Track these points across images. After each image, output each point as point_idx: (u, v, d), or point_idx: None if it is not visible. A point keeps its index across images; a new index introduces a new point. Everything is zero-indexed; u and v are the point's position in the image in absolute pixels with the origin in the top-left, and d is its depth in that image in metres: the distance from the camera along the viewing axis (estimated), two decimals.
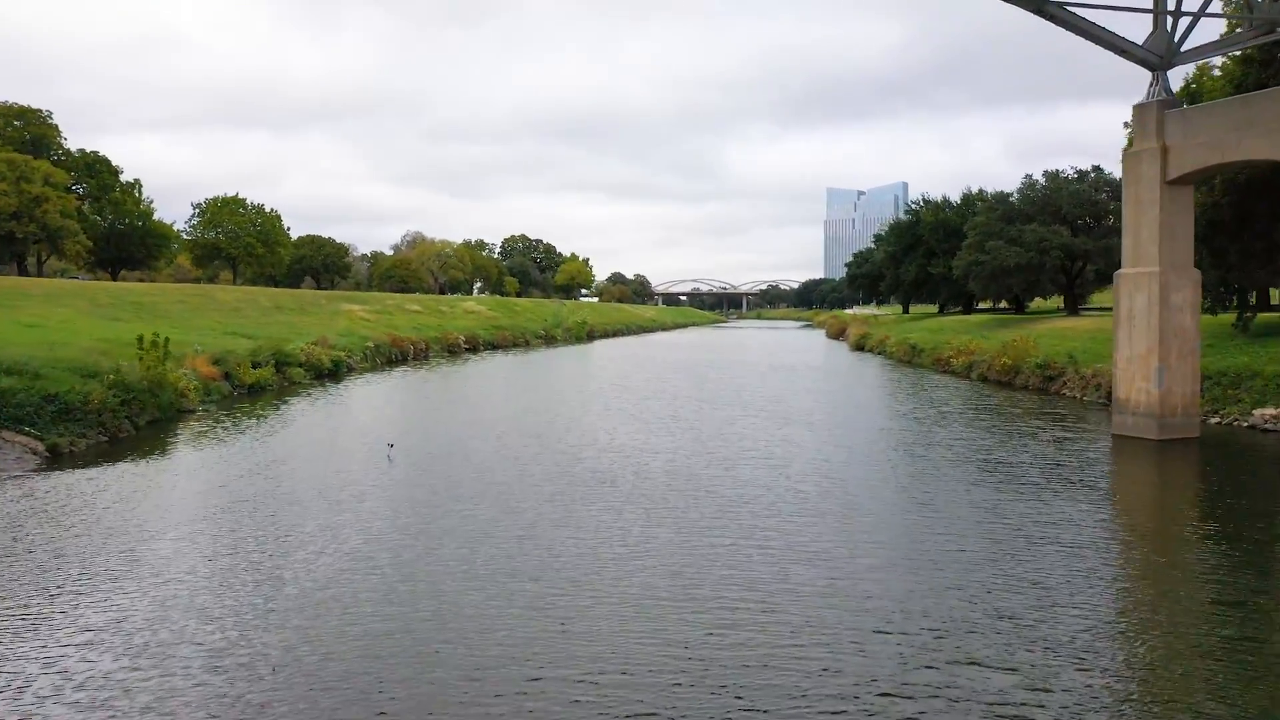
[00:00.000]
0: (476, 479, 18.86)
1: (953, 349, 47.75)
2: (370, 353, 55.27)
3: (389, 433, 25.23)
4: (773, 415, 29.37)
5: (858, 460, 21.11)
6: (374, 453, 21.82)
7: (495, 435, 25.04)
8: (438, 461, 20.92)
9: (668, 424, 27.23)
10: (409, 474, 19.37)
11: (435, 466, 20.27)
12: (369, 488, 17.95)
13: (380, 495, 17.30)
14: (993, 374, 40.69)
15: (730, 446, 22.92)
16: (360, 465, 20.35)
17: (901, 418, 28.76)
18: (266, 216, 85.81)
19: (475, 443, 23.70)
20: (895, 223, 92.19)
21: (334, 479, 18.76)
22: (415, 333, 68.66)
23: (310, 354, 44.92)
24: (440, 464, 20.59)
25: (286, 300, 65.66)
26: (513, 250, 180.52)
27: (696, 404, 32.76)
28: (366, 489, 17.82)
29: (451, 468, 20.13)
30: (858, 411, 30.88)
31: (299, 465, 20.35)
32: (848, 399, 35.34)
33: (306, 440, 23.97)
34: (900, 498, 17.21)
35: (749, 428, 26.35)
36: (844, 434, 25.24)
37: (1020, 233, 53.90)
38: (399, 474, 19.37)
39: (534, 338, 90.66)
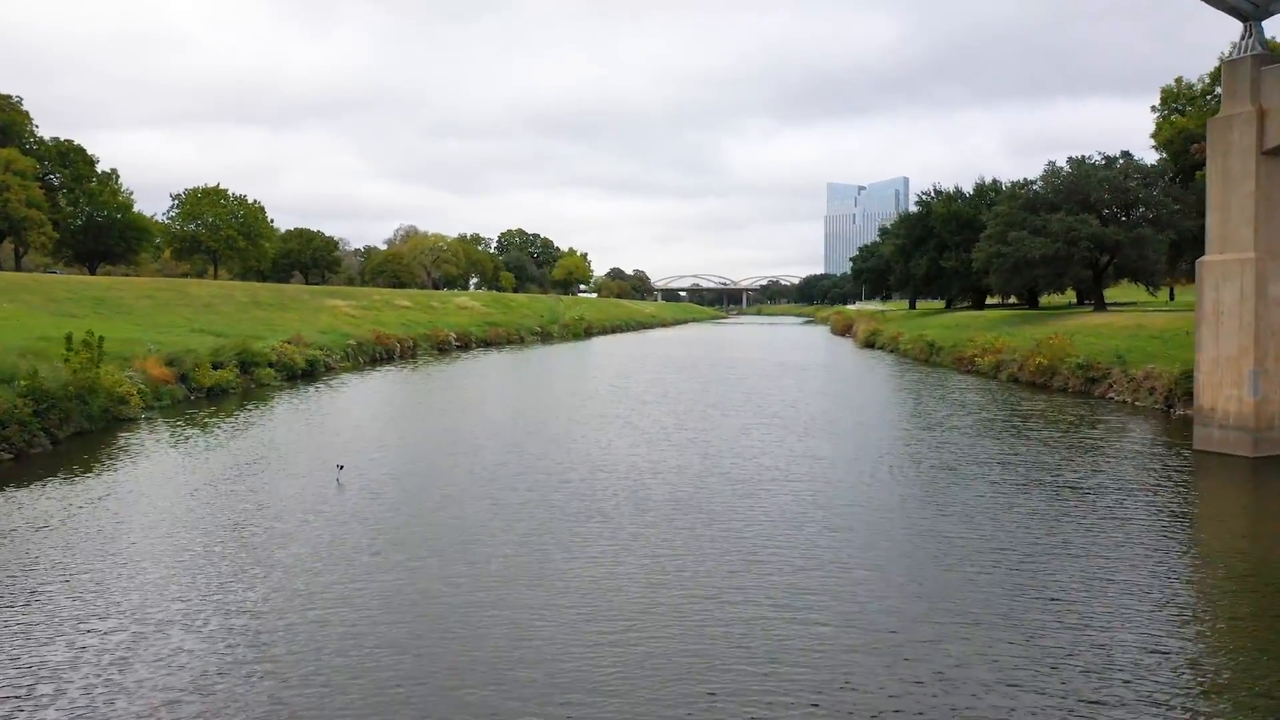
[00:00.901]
0: (437, 511, 15.37)
1: (977, 347, 44.26)
2: (352, 351, 51.79)
3: (349, 445, 21.76)
4: (790, 424, 25.90)
5: (902, 485, 17.63)
6: (322, 474, 18.34)
7: (471, 450, 21.57)
8: (395, 486, 17.43)
9: (672, 435, 23.74)
10: (355, 505, 15.86)
11: (390, 494, 16.77)
12: (298, 527, 14.42)
13: (307, 538, 13.77)
14: (1025, 375, 37.20)
15: (746, 465, 19.43)
16: (299, 493, 16.85)
17: (938, 427, 25.27)
18: (249, 208, 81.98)
19: (445, 460, 20.22)
20: (905, 215, 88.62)
21: (259, 515, 15.26)
22: (403, 330, 65.19)
23: (282, 353, 41.42)
24: (397, 490, 17.09)
25: (266, 295, 62.12)
26: (509, 245, 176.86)
27: (703, 409, 29.30)
28: (294, 529, 14.29)
29: (409, 495, 16.63)
30: (885, 419, 27.40)
31: (223, 495, 16.85)
32: (870, 403, 31.86)
33: (249, 458, 20.48)
34: (967, 538, 13.71)
35: (765, 440, 22.87)
36: (877, 448, 21.76)
37: (1045, 222, 50.37)
38: (343, 505, 15.87)
39: (529, 334, 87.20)
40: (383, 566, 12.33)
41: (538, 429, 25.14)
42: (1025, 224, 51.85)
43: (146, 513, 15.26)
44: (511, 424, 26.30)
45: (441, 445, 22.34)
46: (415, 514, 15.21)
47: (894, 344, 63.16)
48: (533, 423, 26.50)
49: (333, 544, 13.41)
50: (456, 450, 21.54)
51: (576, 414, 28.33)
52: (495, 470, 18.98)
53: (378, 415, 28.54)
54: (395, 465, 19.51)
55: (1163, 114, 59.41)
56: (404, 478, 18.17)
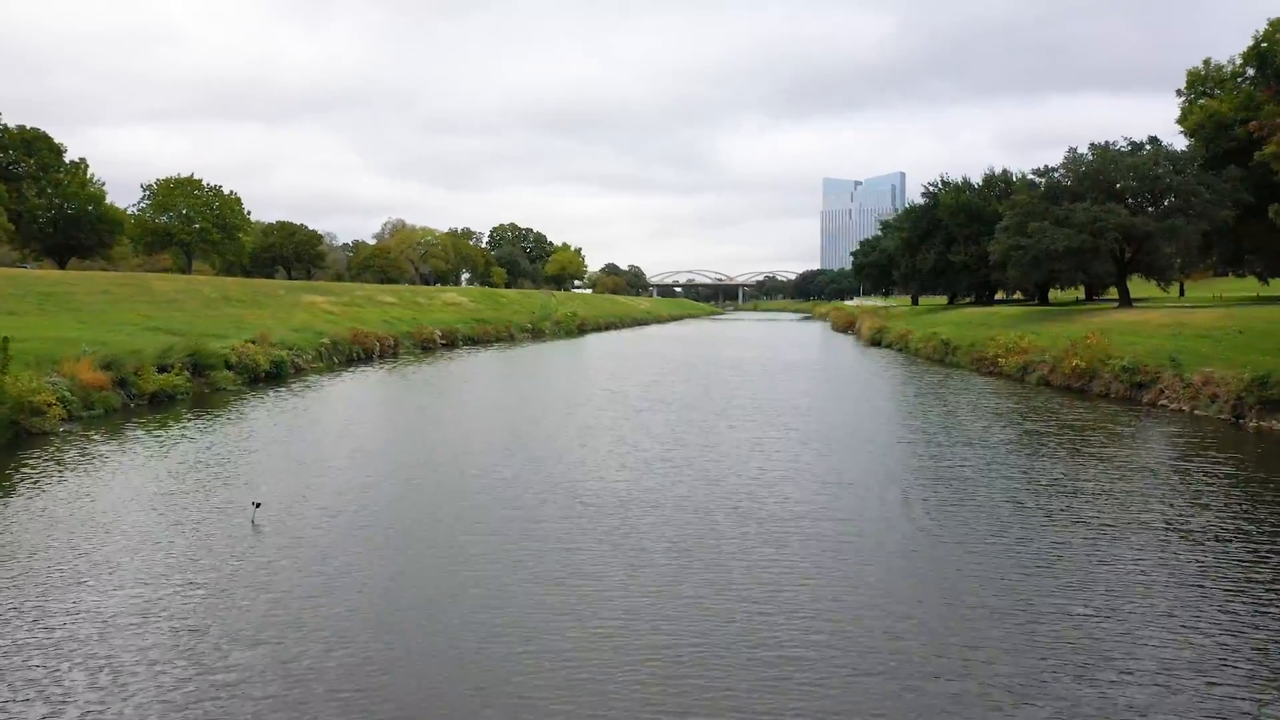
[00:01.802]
0: (361, 578, 11.78)
1: (999, 347, 40.84)
2: (326, 351, 48.18)
3: (285, 469, 18.27)
4: (807, 437, 22.46)
5: (966, 527, 14.15)
6: (239, 511, 14.84)
7: (431, 476, 18.08)
8: (322, 529, 13.90)
9: (671, 454, 20.27)
10: (266, 558, 12.31)
11: (313, 540, 13.23)
12: (174, 592, 10.85)
13: (182, 614, 10.24)
14: (1057, 378, 33.80)
15: (764, 497, 15.96)
16: (200, 538, 13.31)
17: (979, 443, 21.83)
18: (225, 199, 78.04)
19: (395, 490, 16.71)
20: (910, 207, 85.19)
21: (140, 568, 11.72)
22: (385, 327, 61.60)
23: (243, 354, 37.86)
24: (323, 535, 13.56)
25: (237, 291, 58.48)
26: (502, 240, 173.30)
27: (705, 419, 25.84)
28: (166, 598, 10.72)
29: (336, 544, 13.08)
30: (915, 430, 23.93)
31: (115, 535, 13.30)
32: (892, 410, 28.42)
33: (158, 488, 16.94)
34: (1082, 617, 10.23)
35: (782, 459, 19.42)
36: (916, 470, 18.32)
37: (1069, 212, 46.98)
38: (248, 558, 12.32)
39: (520, 331, 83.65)
40: (259, 670, 8.82)
41: (515, 446, 21.65)
42: (1046, 214, 48.46)
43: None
44: (485, 439, 22.81)
45: (396, 468, 18.85)
46: (336, 581, 11.68)
47: (902, 342, 59.77)
48: (510, 437, 23.02)
49: (220, 621, 9.91)
50: (414, 476, 18.05)
51: (562, 426, 24.85)
52: (454, 504, 15.50)
53: (332, 428, 25.02)
54: (332, 497, 16.00)
55: (1189, 98, 56.06)
56: (334, 518, 14.64)
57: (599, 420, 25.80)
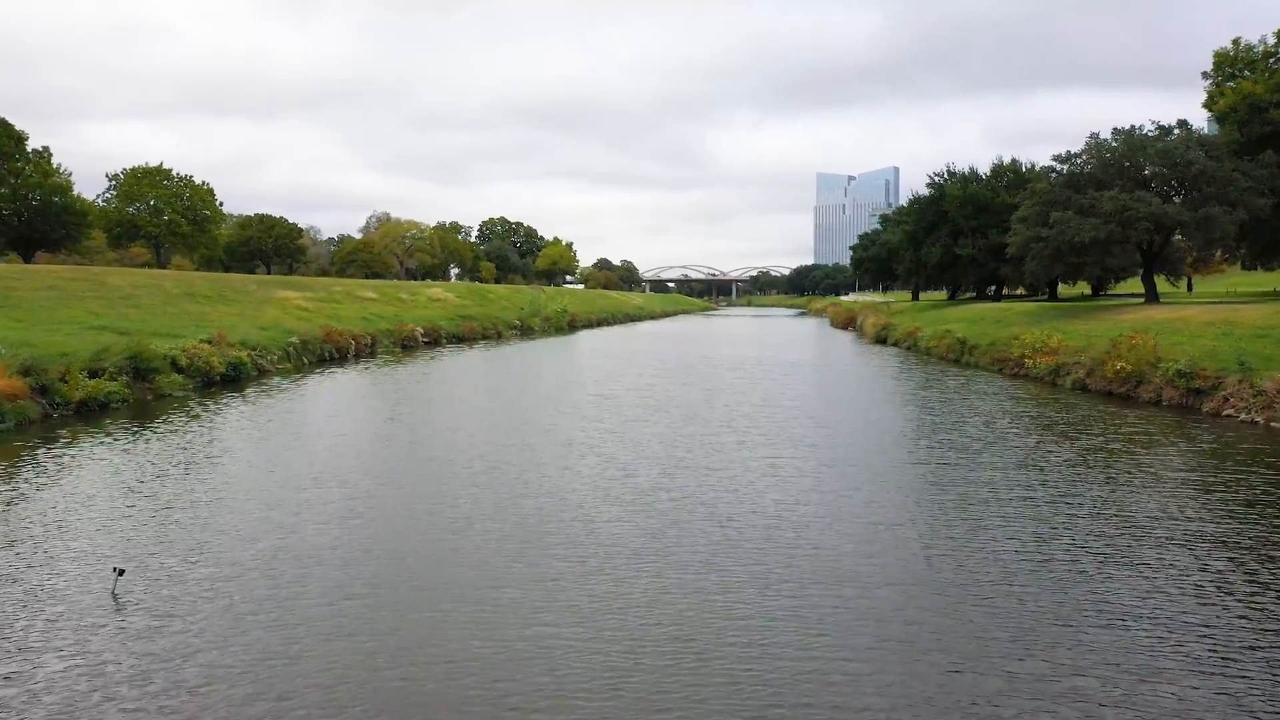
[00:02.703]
0: (254, 669, 8.30)
1: (1025, 347, 37.45)
2: (294, 350, 44.65)
3: (197, 499, 14.75)
4: (833, 458, 19.02)
5: (1057, 589, 10.71)
6: (98, 578, 11.31)
7: (370, 511, 14.57)
8: (211, 596, 10.35)
9: (672, 480, 16.80)
10: (122, 641, 8.82)
11: (191, 613, 9.70)
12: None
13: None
14: (1097, 382, 30.42)
15: (791, 548, 12.48)
16: (42, 619, 9.80)
17: (1035, 465, 18.40)
18: (196, 190, 74.06)
19: (323, 538, 13.15)
20: (915, 198, 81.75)
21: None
22: (363, 324, 58.10)
23: (195, 355, 34.31)
24: (211, 603, 10.01)
25: (203, 286, 54.80)
26: (491, 234, 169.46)
27: (710, 433, 22.39)
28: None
29: (212, 628, 9.54)
30: (957, 446, 20.45)
31: None
32: (921, 422, 24.94)
33: (19, 534, 13.44)
34: None
35: (808, 493, 15.95)
36: (973, 504, 14.83)
37: (1095, 201, 43.57)
38: (100, 640, 8.81)
39: (507, 328, 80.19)
40: None
41: (483, 470, 18.18)
42: (1069, 203, 45.04)
43: None
44: (449, 462, 19.31)
45: (331, 502, 15.30)
46: (205, 676, 8.21)
47: (911, 340, 56.39)
48: (479, 458, 19.53)
49: None
50: (351, 512, 14.55)
51: (543, 442, 21.36)
52: (392, 559, 12.03)
53: (272, 446, 21.47)
54: (243, 545, 12.50)
55: (1215, 80, 52.71)
56: (241, 575, 11.16)
57: (586, 434, 22.32)
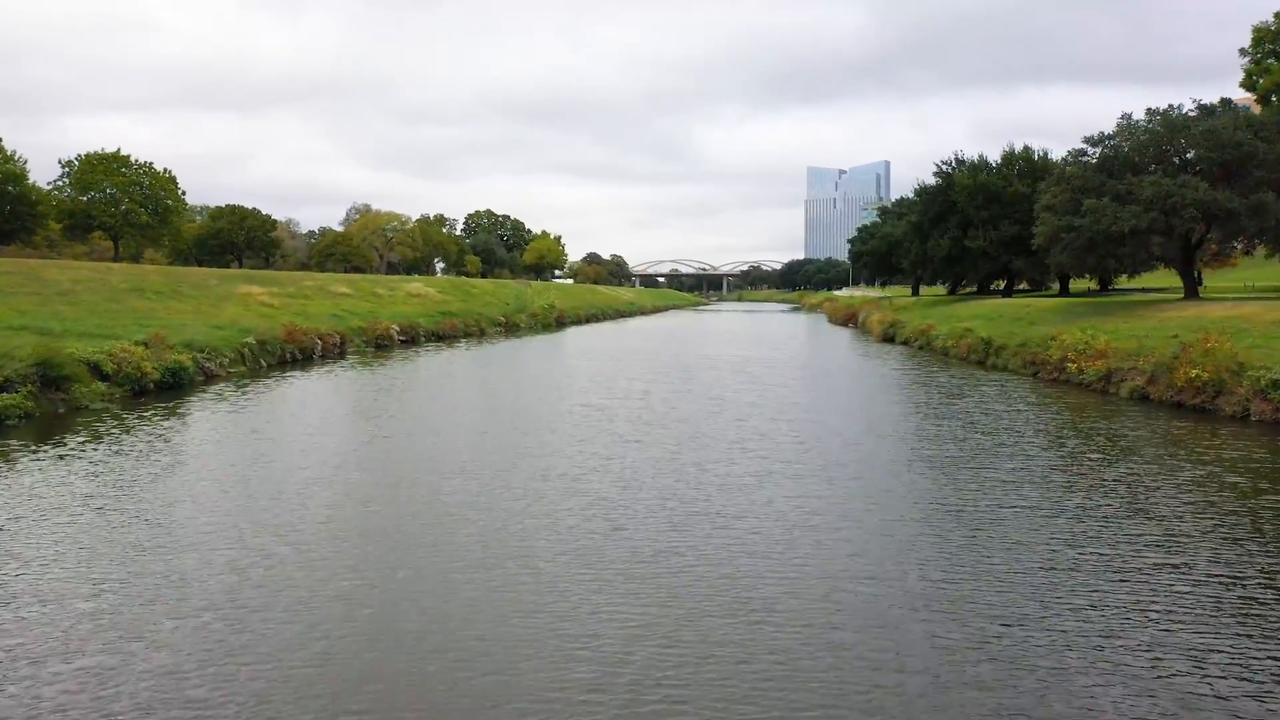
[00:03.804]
0: None
1: (1064, 348, 33.40)
2: (250, 352, 40.26)
3: (39, 558, 10.47)
4: (883, 501, 14.87)
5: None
6: None
7: (258, 591, 10.32)
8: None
9: (680, 543, 12.59)
10: None
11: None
12: None
13: None
14: (1161, 391, 26.35)
15: (877, 663, 8.35)
16: None
17: (1157, 507, 14.29)
18: (157, 178, 69.31)
19: (173, 640, 8.97)
20: (921, 188, 77.72)
21: None
22: (333, 322, 53.72)
23: (125, 359, 29.93)
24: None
25: (156, 280, 50.33)
26: (477, 227, 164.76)
27: (723, 458, 18.21)
28: None
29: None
30: (1044, 481, 16.29)
31: None
32: (987, 446, 20.76)
33: None
34: None
35: (868, 573, 11.79)
36: (1109, 583, 10.73)
37: (1133, 187, 39.59)
38: None
39: (491, 325, 75.90)
40: None
41: (435, 519, 13.95)
42: (1103, 189, 41.04)
43: None
44: (394, 506, 15.04)
45: (208, 578, 11.05)
46: None
47: (924, 339, 52.35)
48: (431, 500, 15.29)
49: None
50: (242, 595, 10.32)
51: (514, 477, 17.13)
52: (266, 686, 7.83)
53: (180, 475, 17.14)
54: (89, 634, 8.27)
55: (1254, 58, 48.84)
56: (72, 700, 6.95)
57: (569, 463, 18.10)
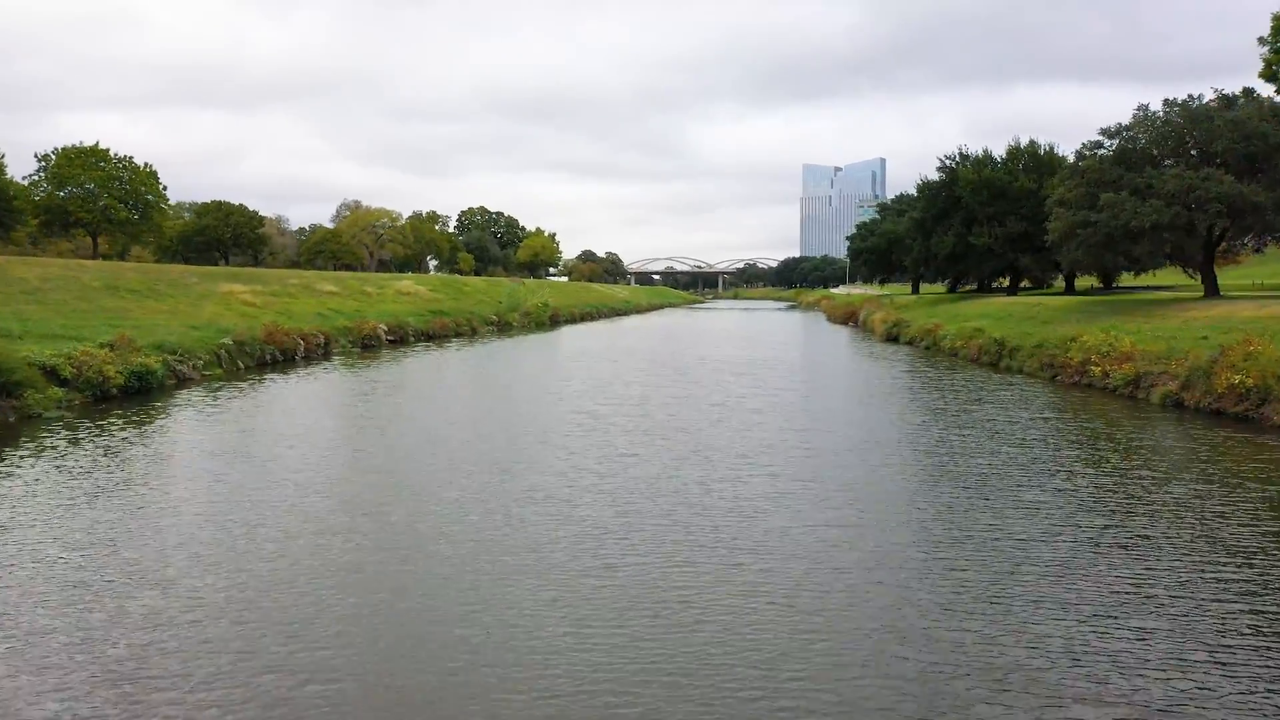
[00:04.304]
0: None
1: (1086, 350, 31.58)
2: (228, 353, 38.26)
3: None
4: (919, 526, 12.98)
5: None
6: None
7: (183, 638, 8.38)
8: None
9: (687, 580, 10.67)
10: None
11: None
12: None
13: None
14: (1198, 398, 24.49)
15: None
16: None
17: (1249, 541, 12.43)
18: (137, 173, 67.17)
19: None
20: (925, 183, 75.91)
21: None
22: (318, 321, 51.77)
23: (86, 363, 27.94)
24: None
25: (132, 278, 48.27)
26: (470, 224, 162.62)
27: (731, 476, 16.31)
28: None
29: None
30: (1092, 505, 14.40)
31: None
32: (1022, 459, 18.85)
33: None
34: None
35: (913, 600, 9.87)
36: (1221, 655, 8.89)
37: (1154, 180, 37.77)
38: None
39: (483, 324, 73.95)
40: None
41: (403, 559, 12.02)
42: (1121, 183, 39.23)
43: None
44: (348, 541, 13.11)
45: (141, 625, 9.11)
46: None
47: (930, 339, 50.56)
48: (399, 534, 13.37)
49: None
50: (149, 658, 8.38)
51: (499, 495, 15.18)
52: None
53: (115, 499, 15.19)
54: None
55: (1275, 46, 47.08)
56: None
57: (559, 481, 16.17)
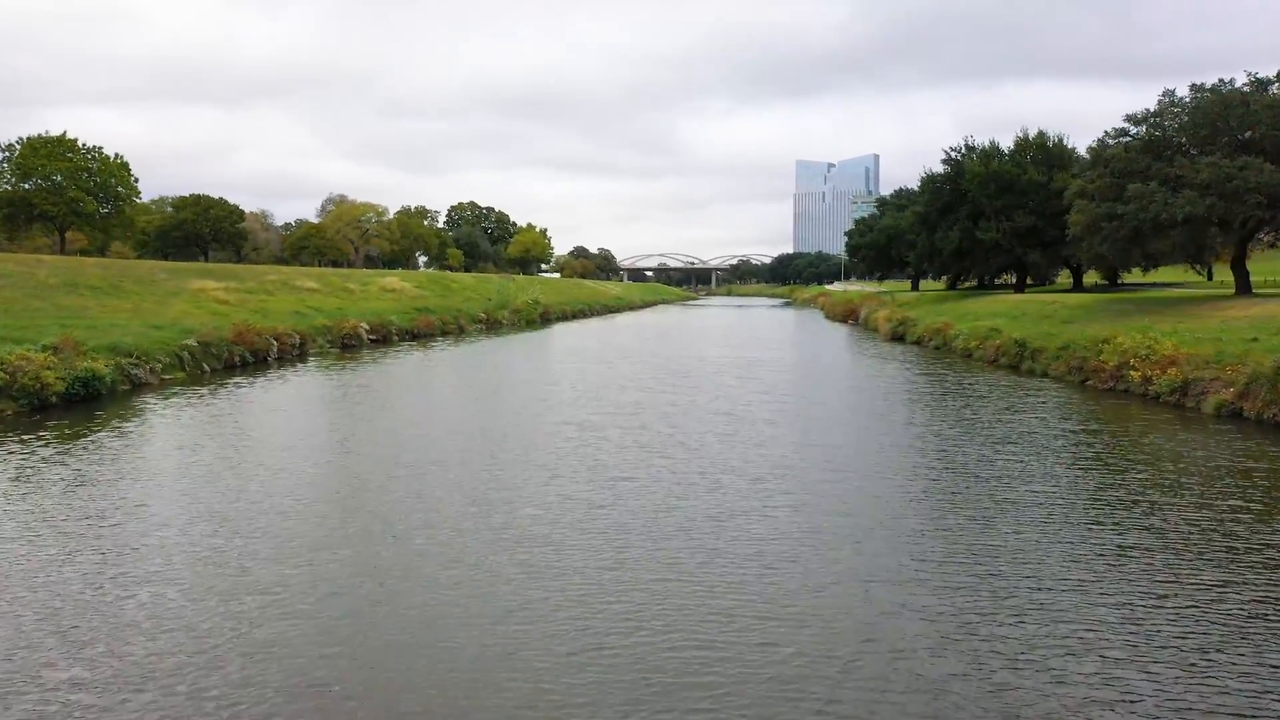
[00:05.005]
0: None
1: (1121, 353, 28.97)
2: (192, 355, 35.45)
3: None
4: (988, 575, 10.32)
5: None
6: None
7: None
8: None
9: (722, 686, 8.00)
10: None
11: None
12: None
13: None
14: (1260, 408, 21.93)
15: None
16: None
17: None
18: (108, 164, 64.17)
19: None
20: (929, 175, 73.32)
21: None
22: (296, 320, 48.95)
23: (20, 369, 25.12)
24: None
25: (94, 275, 45.40)
26: (460, 220, 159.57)
27: (744, 506, 13.63)
28: None
29: None
30: (1211, 559, 11.82)
31: None
32: (1083, 485, 16.16)
33: None
34: None
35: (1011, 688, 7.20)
36: None
37: (1187, 169, 35.22)
38: None
39: (471, 322, 71.11)
40: None
41: (340, 628, 9.31)
42: (1150, 173, 36.67)
43: None
44: (284, 595, 10.38)
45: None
46: None
47: (940, 338, 47.97)
48: (343, 590, 10.65)
49: None
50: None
51: (464, 544, 12.44)
52: None
53: (18, 539, 12.44)
54: None
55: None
56: None
57: (541, 523, 13.44)
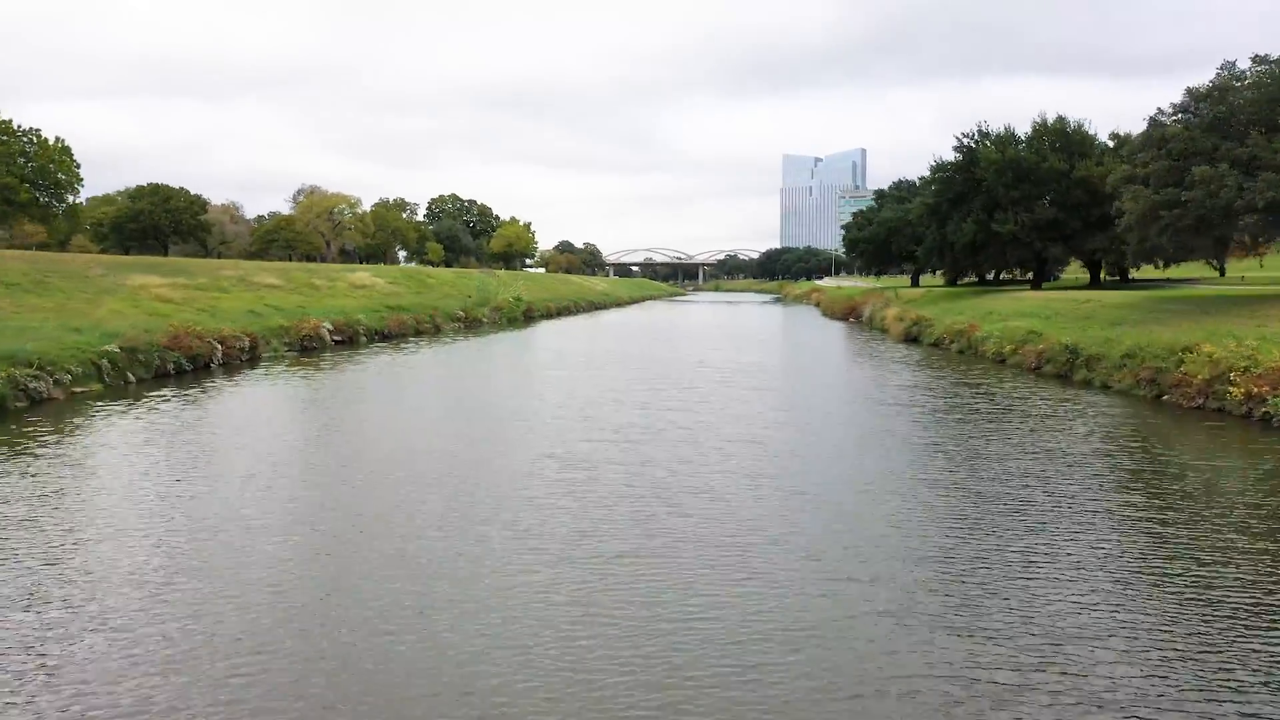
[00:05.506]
0: None
1: (1215, 365, 24.33)
2: (113, 363, 30.36)
3: None
4: None
5: None
6: None
7: None
8: None
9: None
10: None
11: None
12: None
13: None
14: None
15: None
16: None
17: None
18: (46, 149, 58.73)
19: None
20: (939, 164, 68.68)
21: None
22: (250, 320, 43.89)
23: None
24: None
25: (14, 269, 40.15)
26: (441, 212, 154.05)
27: (805, 597, 8.88)
28: None
29: None
30: None
31: None
32: (1264, 568, 11.61)
33: None
34: None
35: None
36: None
37: (1259, 150, 30.68)
38: None
39: (449, 321, 66.06)
40: None
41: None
42: (1218, 154, 32.09)
43: None
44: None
45: None
46: None
47: (964, 341, 43.30)
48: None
49: None
50: None
51: (392, 669, 7.63)
52: None
53: None
54: None
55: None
56: None
57: (504, 631, 8.59)
